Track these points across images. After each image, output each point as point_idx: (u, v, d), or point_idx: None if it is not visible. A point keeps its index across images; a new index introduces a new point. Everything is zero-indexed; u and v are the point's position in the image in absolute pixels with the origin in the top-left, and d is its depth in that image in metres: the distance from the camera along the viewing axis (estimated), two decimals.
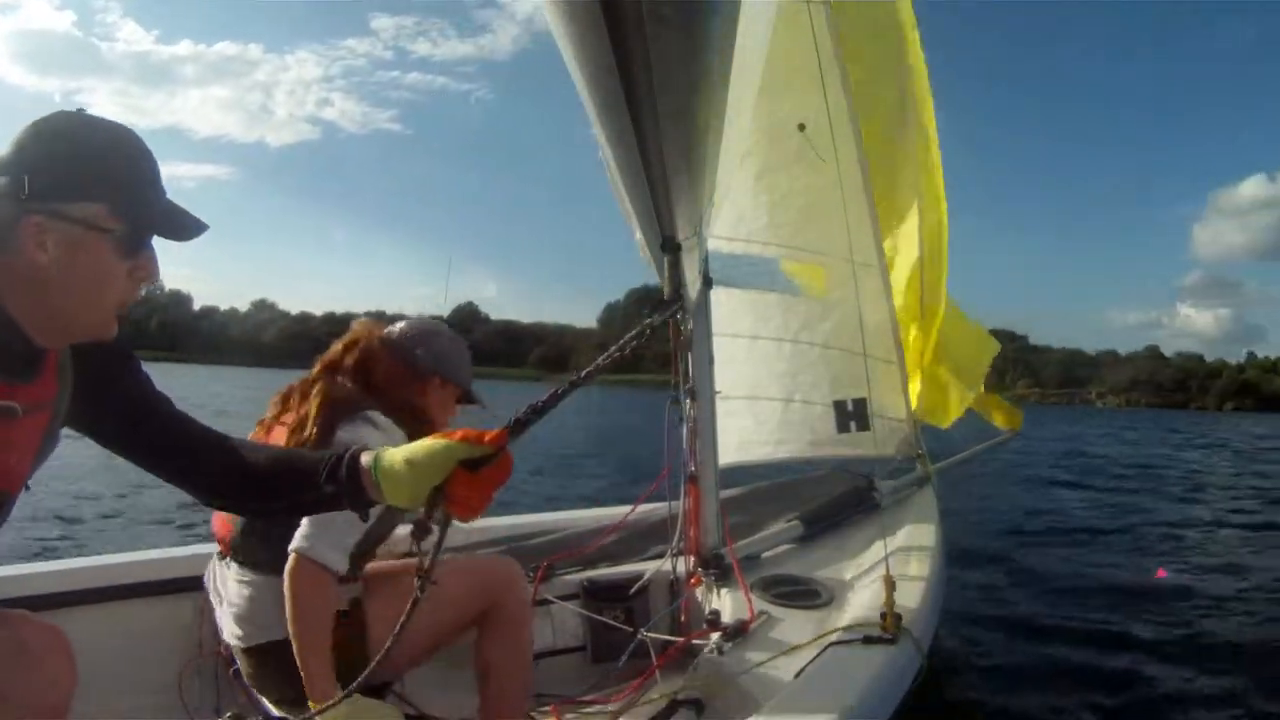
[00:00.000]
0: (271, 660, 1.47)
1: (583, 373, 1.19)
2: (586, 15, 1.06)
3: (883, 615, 1.53)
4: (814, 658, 1.42)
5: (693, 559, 2.13)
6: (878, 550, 2.28)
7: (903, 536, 2.41)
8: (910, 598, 1.70)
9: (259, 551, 1.47)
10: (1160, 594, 4.48)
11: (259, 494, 1.11)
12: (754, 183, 3.13)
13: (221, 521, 1.54)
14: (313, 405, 1.50)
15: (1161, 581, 4.86)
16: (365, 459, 1.01)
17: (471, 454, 0.95)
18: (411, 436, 1.53)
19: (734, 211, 3.08)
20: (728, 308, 3.17)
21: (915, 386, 3.39)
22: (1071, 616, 4.04)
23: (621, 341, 1.31)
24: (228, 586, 1.52)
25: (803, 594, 1.94)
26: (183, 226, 1.01)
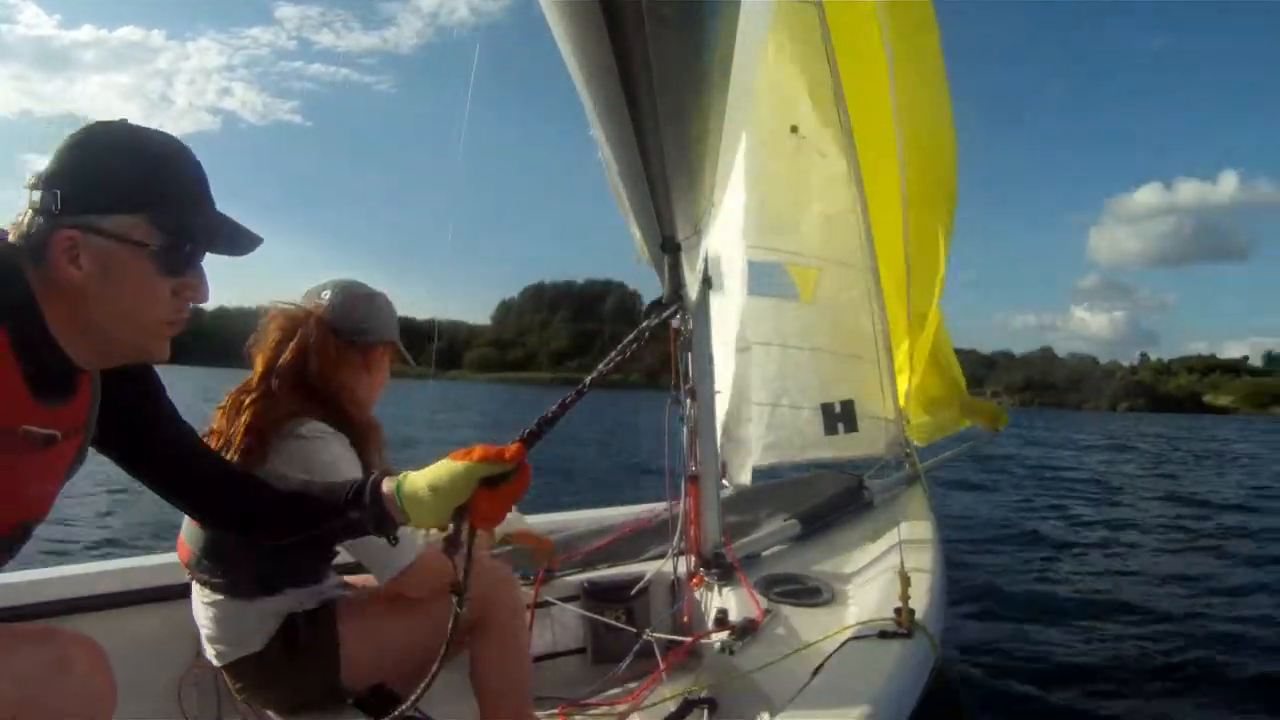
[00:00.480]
0: (251, 672, 1.46)
1: (588, 380, 1.19)
2: (586, 15, 1.06)
3: (897, 610, 1.53)
4: (832, 653, 1.41)
5: (693, 559, 2.13)
6: (873, 548, 2.29)
7: (902, 533, 2.42)
8: (919, 593, 1.70)
9: (218, 574, 1.44)
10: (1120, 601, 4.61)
11: (279, 525, 1.11)
12: (747, 186, 3.13)
13: (181, 543, 1.51)
14: (239, 427, 1.41)
15: (1116, 587, 5.01)
16: (387, 485, 1.04)
17: (492, 472, 0.98)
18: (351, 421, 1.50)
19: (725, 215, 3.07)
20: (713, 311, 3.16)
21: (903, 385, 3.40)
22: (1050, 615, 4.16)
23: (623, 344, 1.31)
24: (196, 606, 1.50)
25: (805, 592, 1.94)
26: (233, 240, 0.95)
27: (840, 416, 3.14)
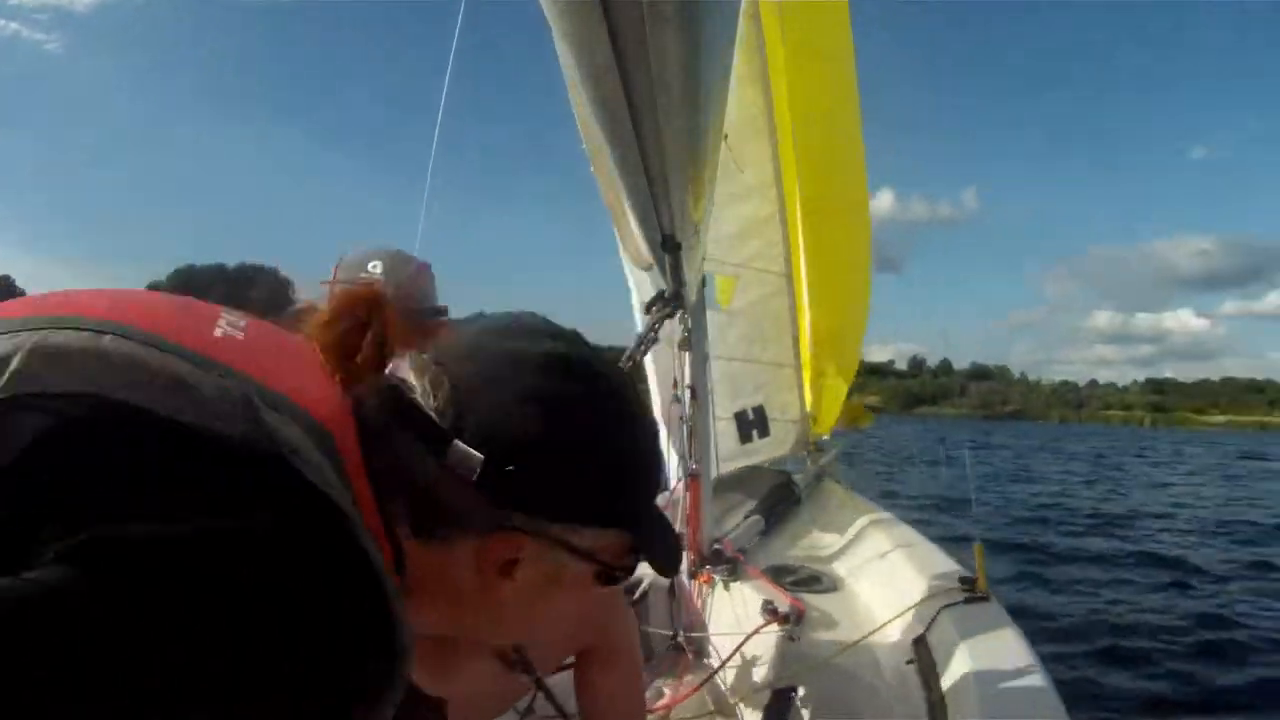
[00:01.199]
0: None
1: None
2: (586, 14, 1.05)
3: (964, 580, 1.60)
4: (929, 625, 1.44)
5: (692, 557, 2.12)
6: (833, 536, 2.39)
7: (867, 519, 2.50)
8: (945, 564, 1.75)
9: None
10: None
11: None
12: None
13: None
14: None
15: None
16: None
17: None
18: None
19: None
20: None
21: (808, 383, 3.45)
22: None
23: (632, 349, 1.28)
24: None
25: (807, 581, 1.97)
26: (677, 552, 0.72)
27: (754, 423, 3.19)
